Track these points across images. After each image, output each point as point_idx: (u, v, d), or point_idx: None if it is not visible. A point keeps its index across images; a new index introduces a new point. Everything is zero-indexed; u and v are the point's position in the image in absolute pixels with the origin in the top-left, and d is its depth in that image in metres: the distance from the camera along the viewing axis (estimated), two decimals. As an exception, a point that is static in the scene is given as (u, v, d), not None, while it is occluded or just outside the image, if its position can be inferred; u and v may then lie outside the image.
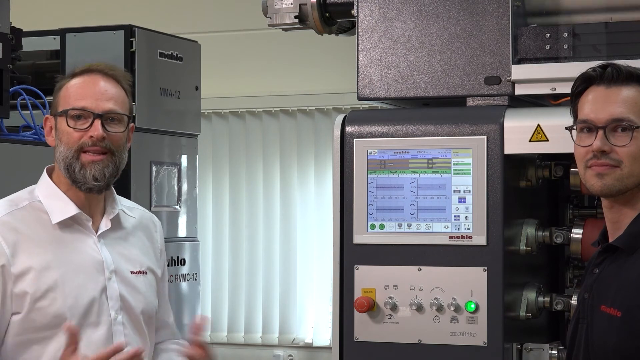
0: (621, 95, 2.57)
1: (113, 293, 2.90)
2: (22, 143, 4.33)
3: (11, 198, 2.92)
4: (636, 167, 2.55)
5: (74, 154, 2.86)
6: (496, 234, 3.12)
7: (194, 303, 5.60)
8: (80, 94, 2.89)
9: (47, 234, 2.86)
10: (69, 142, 2.87)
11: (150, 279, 3.01)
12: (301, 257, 7.21)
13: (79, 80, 2.92)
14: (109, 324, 2.88)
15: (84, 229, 2.90)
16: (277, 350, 7.38)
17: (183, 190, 5.49)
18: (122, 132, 2.91)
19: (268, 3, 3.58)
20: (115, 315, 2.89)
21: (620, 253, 2.58)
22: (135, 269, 2.96)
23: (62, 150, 2.88)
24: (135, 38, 5.08)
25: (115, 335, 2.88)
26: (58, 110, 2.90)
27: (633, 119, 2.55)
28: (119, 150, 2.91)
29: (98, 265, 2.89)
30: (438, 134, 3.20)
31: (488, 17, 3.25)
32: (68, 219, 2.88)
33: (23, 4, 5.73)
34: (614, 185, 2.56)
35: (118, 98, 2.92)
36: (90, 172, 2.86)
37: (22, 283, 2.79)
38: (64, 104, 2.90)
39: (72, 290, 2.83)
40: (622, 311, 2.50)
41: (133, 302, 2.94)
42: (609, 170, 2.56)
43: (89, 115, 2.87)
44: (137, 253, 3.00)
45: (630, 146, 2.54)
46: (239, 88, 7.48)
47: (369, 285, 3.21)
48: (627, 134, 2.55)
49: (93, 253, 2.90)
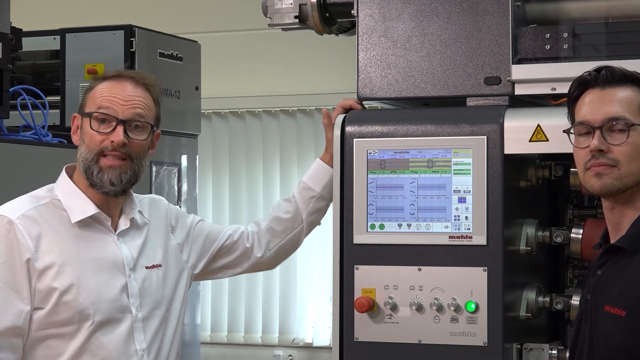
0: (616, 95, 2.61)
1: (134, 290, 2.93)
2: (22, 143, 4.33)
3: (33, 194, 2.96)
4: (634, 166, 2.58)
5: (93, 157, 2.89)
6: (496, 234, 3.12)
7: (194, 303, 5.60)
8: (107, 97, 2.92)
9: (68, 232, 2.89)
10: (91, 145, 2.90)
11: (165, 272, 3.04)
12: (301, 257, 7.21)
13: (109, 84, 2.95)
14: (130, 321, 2.91)
15: (103, 227, 2.93)
16: (277, 350, 7.38)
17: (183, 190, 5.50)
18: (144, 140, 2.94)
19: (268, 3, 3.58)
20: (136, 312, 2.92)
21: (623, 254, 2.59)
22: (149, 264, 2.99)
23: (82, 151, 2.92)
24: (135, 38, 5.09)
25: (135, 331, 2.91)
26: (85, 111, 2.94)
27: (628, 118, 2.58)
28: (139, 157, 2.93)
29: (119, 263, 2.92)
30: (438, 134, 3.20)
31: (488, 17, 3.25)
32: (87, 218, 2.90)
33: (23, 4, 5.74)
34: (613, 185, 2.58)
35: (144, 105, 2.94)
36: (108, 176, 2.89)
37: (46, 278, 2.82)
38: (90, 105, 2.93)
39: (95, 287, 2.85)
40: (627, 311, 2.50)
41: (151, 297, 2.96)
42: (607, 169, 2.59)
43: (113, 119, 2.89)
44: (153, 247, 3.03)
45: (627, 145, 2.58)
46: (239, 88, 7.48)
47: (369, 285, 3.22)
48: (624, 133, 2.58)
49: (114, 251, 2.93)
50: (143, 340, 2.92)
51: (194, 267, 3.18)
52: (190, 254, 3.16)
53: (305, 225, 3.36)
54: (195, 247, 3.18)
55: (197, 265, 3.19)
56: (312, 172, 3.38)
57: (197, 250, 3.18)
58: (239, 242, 3.28)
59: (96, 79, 2.99)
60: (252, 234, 3.31)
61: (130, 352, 2.89)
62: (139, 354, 2.90)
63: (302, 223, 3.35)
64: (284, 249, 3.36)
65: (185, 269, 3.13)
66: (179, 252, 3.12)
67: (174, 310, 3.04)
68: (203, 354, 6.25)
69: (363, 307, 3.18)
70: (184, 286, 3.11)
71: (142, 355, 2.91)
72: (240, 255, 3.28)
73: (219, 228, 3.29)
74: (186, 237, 3.16)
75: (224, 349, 7.51)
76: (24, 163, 4.20)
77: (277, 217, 3.34)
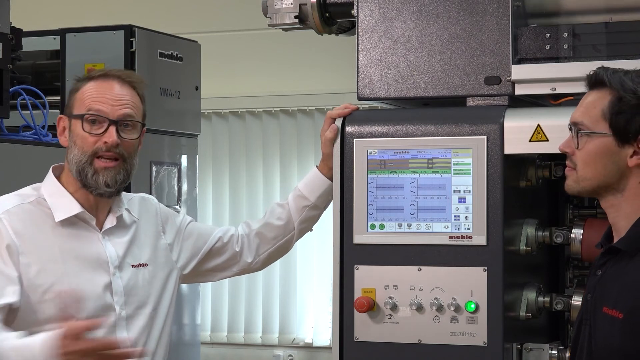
0: (586, 100, 2.66)
1: (118, 288, 2.92)
2: (22, 143, 4.33)
3: (19, 193, 2.96)
4: (588, 171, 2.63)
5: (87, 159, 2.89)
6: (496, 234, 3.12)
7: (194, 303, 5.61)
8: (96, 98, 2.91)
9: (52, 230, 2.89)
10: (83, 147, 2.89)
11: (152, 271, 3.03)
12: (301, 257, 7.22)
13: (96, 84, 2.94)
14: (113, 319, 2.90)
15: (88, 226, 2.93)
16: (277, 350, 7.39)
17: (183, 190, 5.50)
18: (136, 139, 2.94)
19: (268, 3, 3.58)
20: (119, 310, 2.91)
21: (622, 255, 2.59)
22: (135, 262, 2.98)
23: (75, 154, 2.90)
24: (135, 38, 5.09)
25: (119, 330, 2.90)
26: (73, 113, 2.93)
27: (585, 124, 2.63)
28: (130, 157, 2.94)
29: (103, 261, 2.92)
30: (438, 134, 3.20)
31: (488, 17, 3.25)
32: (72, 217, 2.90)
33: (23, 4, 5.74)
34: (573, 187, 2.67)
35: (133, 104, 2.95)
36: (103, 178, 2.89)
37: (28, 275, 2.81)
38: (79, 106, 2.93)
39: (77, 285, 2.85)
40: (624, 313, 2.50)
41: (137, 296, 2.96)
42: (570, 171, 2.67)
43: (104, 120, 2.89)
44: (141, 246, 3.02)
45: (580, 151, 2.63)
46: (239, 88, 7.49)
47: (369, 285, 3.21)
48: (582, 138, 2.63)
49: (98, 249, 2.92)
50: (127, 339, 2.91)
51: (184, 268, 3.17)
52: (180, 254, 3.15)
53: (296, 232, 3.35)
54: (186, 247, 3.17)
55: (187, 265, 3.17)
56: (308, 181, 3.37)
57: (187, 250, 3.18)
58: (228, 245, 3.26)
59: (80, 80, 2.97)
60: (242, 237, 3.29)
61: None
62: None
63: (294, 230, 3.34)
64: (274, 254, 3.35)
65: (174, 269, 3.12)
66: (169, 252, 3.12)
67: (162, 310, 3.03)
68: (203, 354, 6.24)
69: (363, 307, 3.18)
70: (172, 286, 3.10)
71: None
72: (230, 258, 3.27)
73: (210, 229, 3.28)
74: (176, 236, 3.15)
75: (224, 349, 7.51)
76: (24, 163, 4.21)
77: (269, 223, 3.33)
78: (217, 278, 3.33)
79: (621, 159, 2.59)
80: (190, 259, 3.18)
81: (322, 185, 3.33)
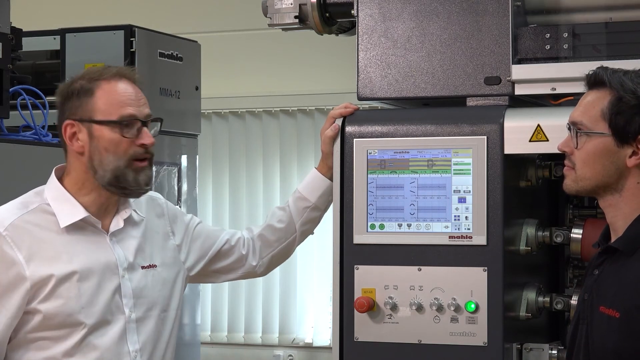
0: (585, 99, 2.66)
1: (127, 291, 2.91)
2: (22, 143, 4.33)
3: (20, 201, 2.91)
4: (587, 171, 2.63)
5: (126, 163, 2.86)
6: (496, 234, 3.12)
7: (194, 303, 5.60)
8: (124, 101, 2.87)
9: (59, 237, 2.85)
10: (118, 151, 2.85)
11: (161, 272, 3.02)
12: (301, 257, 7.21)
13: (114, 87, 2.88)
14: (123, 322, 2.89)
15: (95, 229, 2.90)
16: (277, 350, 7.39)
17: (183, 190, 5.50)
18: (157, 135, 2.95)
19: (268, 3, 3.58)
20: (129, 312, 2.90)
21: (619, 254, 2.59)
22: (145, 263, 2.97)
23: (111, 160, 2.85)
24: (135, 38, 5.09)
25: (129, 332, 2.89)
26: (96, 118, 2.86)
27: (585, 124, 2.63)
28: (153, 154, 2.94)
29: (112, 265, 2.90)
30: (438, 134, 3.20)
31: (488, 17, 3.25)
32: (78, 221, 2.87)
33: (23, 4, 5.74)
34: (571, 186, 2.67)
35: (147, 101, 2.94)
36: (142, 179, 2.89)
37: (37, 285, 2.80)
38: (106, 111, 2.86)
39: (86, 290, 2.83)
40: (621, 312, 2.51)
41: (147, 298, 2.95)
42: (569, 171, 2.68)
43: (135, 122, 2.87)
44: (149, 247, 3.01)
45: (579, 150, 2.63)
46: (239, 88, 7.49)
47: (369, 285, 3.21)
48: (581, 138, 2.63)
49: (106, 252, 2.90)
50: (136, 342, 2.90)
51: (191, 269, 3.16)
52: (188, 255, 3.14)
53: (298, 234, 3.35)
54: (194, 248, 3.17)
55: (195, 267, 3.17)
56: (308, 182, 3.36)
57: (195, 251, 3.17)
58: (236, 248, 3.26)
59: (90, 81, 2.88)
60: (248, 240, 3.30)
61: (122, 353, 2.86)
62: (132, 355, 2.88)
63: (295, 232, 3.33)
64: (276, 257, 3.35)
65: (182, 270, 3.11)
66: (177, 252, 3.11)
67: (171, 311, 3.02)
68: (203, 354, 6.25)
69: (363, 307, 3.18)
70: (180, 287, 3.09)
71: (135, 356, 2.88)
72: (236, 260, 3.27)
73: (217, 231, 3.28)
74: (184, 237, 3.14)
75: (224, 349, 7.51)
76: (24, 163, 4.20)
77: (271, 226, 3.32)
78: (221, 280, 3.32)
79: (620, 159, 2.60)
80: (198, 260, 3.17)
81: (321, 186, 3.33)
